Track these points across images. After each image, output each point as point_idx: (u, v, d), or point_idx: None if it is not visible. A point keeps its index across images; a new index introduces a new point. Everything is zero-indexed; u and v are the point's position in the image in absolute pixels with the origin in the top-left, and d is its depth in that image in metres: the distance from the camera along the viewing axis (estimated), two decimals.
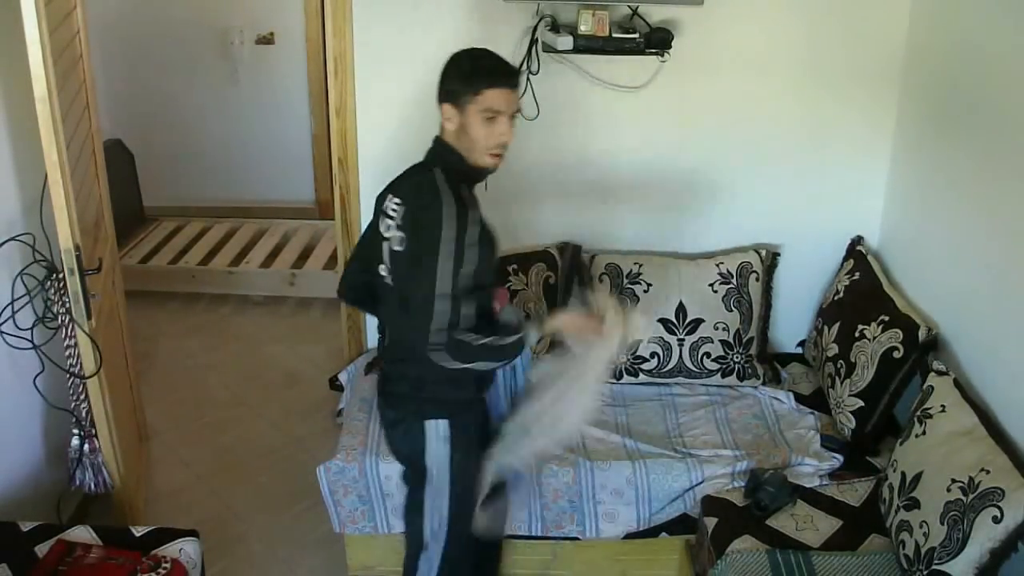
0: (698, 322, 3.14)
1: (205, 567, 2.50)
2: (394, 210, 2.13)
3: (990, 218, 2.57)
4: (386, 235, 2.15)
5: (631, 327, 2.18)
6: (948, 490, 2.21)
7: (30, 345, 2.67)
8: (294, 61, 5.33)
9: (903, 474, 2.43)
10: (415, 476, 2.27)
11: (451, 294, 2.01)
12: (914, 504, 2.32)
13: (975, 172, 2.67)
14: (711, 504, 2.67)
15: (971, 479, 2.17)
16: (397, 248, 2.11)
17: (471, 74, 2.06)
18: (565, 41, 2.93)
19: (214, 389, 3.98)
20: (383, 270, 2.18)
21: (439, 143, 2.16)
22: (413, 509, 2.31)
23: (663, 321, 3.14)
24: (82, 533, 2.41)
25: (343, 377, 3.38)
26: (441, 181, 2.08)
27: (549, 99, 3.16)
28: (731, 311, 3.16)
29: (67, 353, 2.66)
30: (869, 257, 3.19)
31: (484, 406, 2.31)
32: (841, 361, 2.96)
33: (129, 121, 5.22)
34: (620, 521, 2.77)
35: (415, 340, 2.04)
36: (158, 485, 3.37)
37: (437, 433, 2.19)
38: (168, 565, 2.28)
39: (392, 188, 2.20)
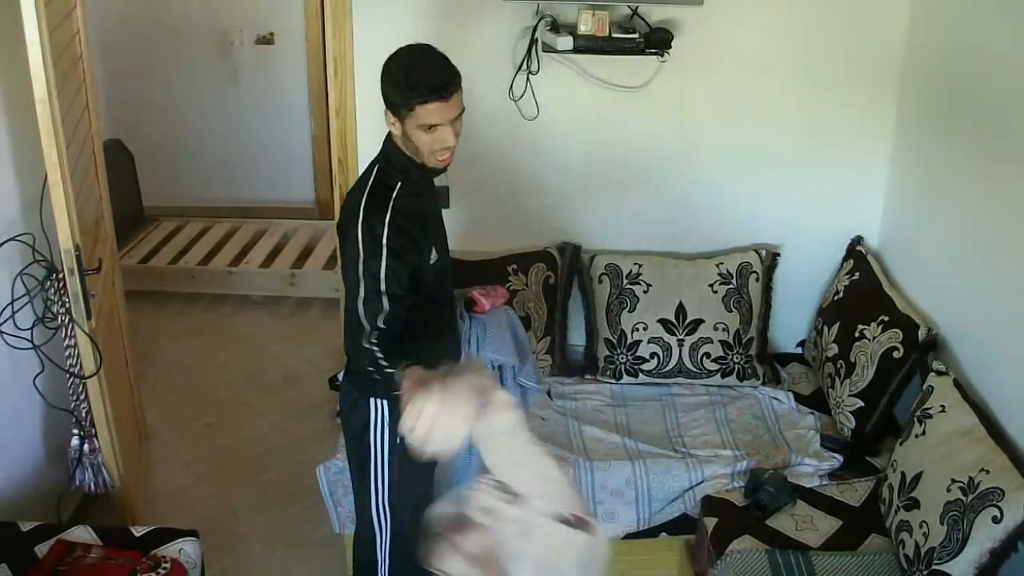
0: (698, 322, 3.14)
1: (205, 567, 2.50)
2: None
3: (990, 218, 2.57)
4: None
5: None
6: (948, 490, 2.21)
7: (30, 345, 2.67)
8: (294, 61, 5.33)
9: (903, 474, 2.43)
10: (361, 453, 2.26)
11: (371, 296, 2.03)
12: (914, 504, 2.32)
13: (975, 172, 2.67)
14: (711, 504, 2.67)
15: (971, 479, 2.17)
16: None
17: (403, 87, 2.00)
18: (565, 41, 2.93)
19: (214, 389, 3.97)
20: None
21: (388, 140, 2.17)
22: (361, 492, 2.31)
23: (663, 321, 3.14)
24: (82, 533, 2.41)
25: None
26: (373, 180, 2.12)
27: (549, 99, 3.17)
28: (731, 311, 3.16)
29: (67, 353, 2.66)
30: (869, 257, 3.19)
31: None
32: (841, 361, 2.96)
33: (129, 121, 5.22)
34: (620, 521, 2.77)
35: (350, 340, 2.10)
36: (158, 485, 3.37)
37: (380, 413, 2.20)
38: (168, 565, 2.28)
39: None
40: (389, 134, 2.16)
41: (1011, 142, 2.44)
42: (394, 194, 2.09)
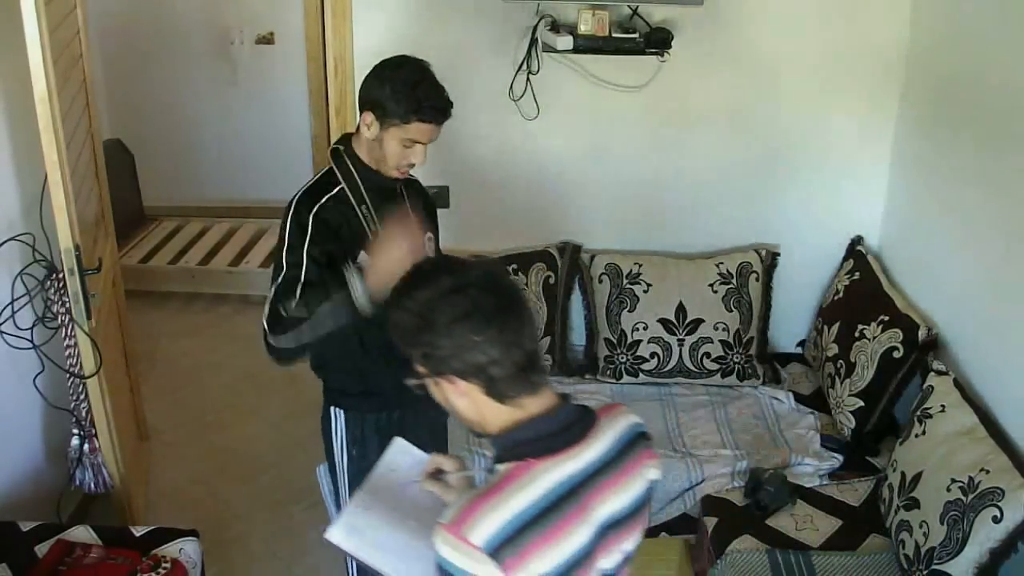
0: (698, 322, 3.14)
1: (205, 567, 2.50)
2: None
3: (990, 218, 2.57)
4: None
5: None
6: (948, 490, 2.21)
7: (30, 345, 2.67)
8: (294, 61, 5.32)
9: (903, 474, 2.43)
10: (331, 469, 2.32)
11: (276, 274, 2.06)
12: (914, 504, 2.32)
13: (975, 172, 2.67)
14: (711, 504, 2.67)
15: (971, 479, 2.17)
16: None
17: (405, 100, 1.94)
18: (565, 41, 2.93)
19: (214, 389, 3.97)
20: None
21: (347, 144, 2.09)
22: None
23: (663, 321, 3.14)
24: (82, 533, 2.41)
25: None
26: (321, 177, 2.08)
27: (549, 99, 3.17)
28: (731, 311, 3.16)
29: (67, 353, 2.66)
30: (869, 257, 3.19)
31: (386, 405, 2.22)
32: (841, 361, 2.96)
33: (129, 121, 5.22)
34: None
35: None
36: (158, 485, 3.37)
37: (337, 423, 2.26)
38: (168, 565, 2.28)
39: None
40: (344, 140, 2.10)
41: (1011, 142, 2.44)
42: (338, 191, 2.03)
